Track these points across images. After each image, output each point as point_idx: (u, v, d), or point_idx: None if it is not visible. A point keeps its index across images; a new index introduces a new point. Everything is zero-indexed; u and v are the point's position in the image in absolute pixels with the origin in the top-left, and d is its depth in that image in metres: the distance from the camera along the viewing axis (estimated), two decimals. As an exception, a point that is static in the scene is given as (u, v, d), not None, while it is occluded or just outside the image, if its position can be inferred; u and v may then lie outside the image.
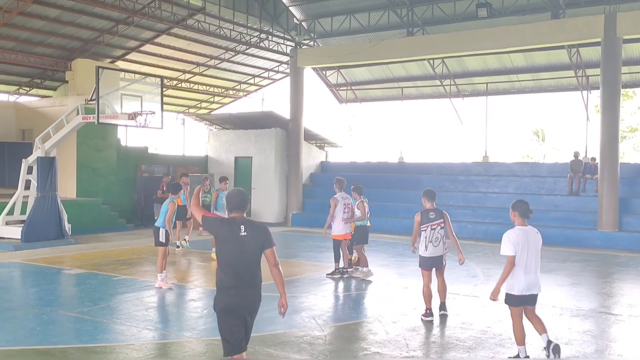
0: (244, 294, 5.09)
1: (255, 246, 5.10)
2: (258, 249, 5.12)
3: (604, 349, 7.21)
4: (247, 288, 5.11)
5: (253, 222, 5.22)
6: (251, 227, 5.12)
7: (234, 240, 5.06)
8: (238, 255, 5.07)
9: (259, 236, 5.10)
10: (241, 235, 5.06)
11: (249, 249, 5.07)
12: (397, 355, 6.75)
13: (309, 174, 25.17)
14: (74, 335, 7.57)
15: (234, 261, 5.07)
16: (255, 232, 5.11)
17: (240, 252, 5.07)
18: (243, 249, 5.06)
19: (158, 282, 10.45)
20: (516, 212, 6.59)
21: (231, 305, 5.03)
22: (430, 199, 8.66)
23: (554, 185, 20.33)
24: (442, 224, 8.44)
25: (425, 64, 24.95)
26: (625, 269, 13.56)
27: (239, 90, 30.82)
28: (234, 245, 5.06)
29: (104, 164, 20.99)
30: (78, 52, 22.16)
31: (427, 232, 8.35)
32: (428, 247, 8.35)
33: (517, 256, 6.39)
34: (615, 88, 17.67)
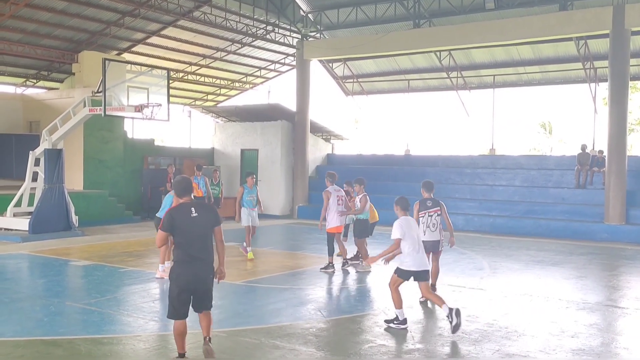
0: (198, 267, 5.83)
1: (205, 224, 5.88)
2: (208, 227, 5.91)
3: (610, 342, 7.20)
4: (200, 262, 5.84)
5: (203, 204, 6.19)
6: (201, 209, 5.94)
7: (186, 222, 5.81)
8: (190, 233, 5.82)
9: (208, 216, 5.93)
10: (192, 216, 5.83)
11: (199, 227, 5.85)
12: (403, 347, 6.76)
13: (315, 166, 25.17)
14: (81, 327, 7.61)
15: (186, 239, 5.81)
16: (205, 213, 5.94)
17: (192, 231, 5.82)
18: (194, 228, 5.82)
19: (159, 272, 10.45)
20: (398, 207, 7.78)
21: (183, 277, 5.80)
22: (428, 189, 9.34)
23: (561, 178, 20.26)
24: (438, 211, 9.12)
25: (432, 56, 24.86)
26: (632, 262, 13.51)
27: (245, 82, 30.80)
28: (186, 225, 5.81)
29: (110, 156, 21.05)
30: (85, 44, 22.19)
31: (425, 218, 9.05)
32: (426, 232, 8.95)
33: (404, 239, 7.51)
34: (624, 80, 17.56)
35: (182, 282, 5.80)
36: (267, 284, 10.30)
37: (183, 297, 5.83)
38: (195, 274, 5.83)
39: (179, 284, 5.81)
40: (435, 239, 9.08)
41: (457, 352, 6.63)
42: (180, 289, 5.80)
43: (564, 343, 7.03)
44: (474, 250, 14.81)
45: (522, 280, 11.02)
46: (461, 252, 14.53)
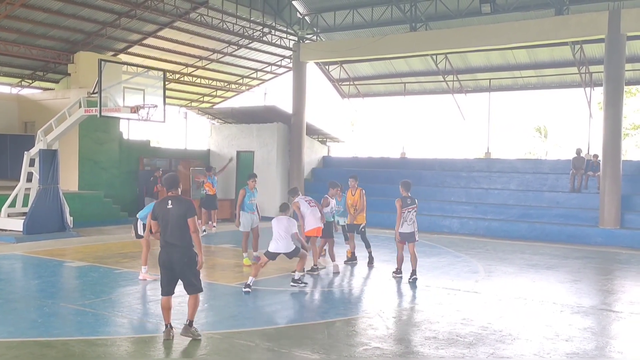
0: (170, 251, 6.80)
1: (178, 215, 6.77)
2: (182, 217, 6.77)
3: (605, 346, 7.22)
4: (172, 247, 6.78)
5: (179, 198, 6.94)
6: (176, 201, 6.86)
7: (163, 212, 6.85)
8: (166, 222, 6.81)
9: (181, 208, 6.80)
10: (168, 208, 6.83)
11: (173, 218, 6.78)
12: (398, 350, 6.76)
13: (310, 168, 25.16)
14: (76, 328, 7.59)
15: (164, 227, 6.85)
16: (179, 205, 6.83)
17: (167, 221, 6.81)
18: (169, 218, 6.80)
19: (142, 274, 10.44)
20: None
21: (162, 260, 6.87)
22: (406, 189, 10.80)
23: (556, 182, 20.31)
24: (415, 208, 10.69)
25: (428, 59, 24.91)
26: (626, 266, 13.55)
27: (242, 84, 30.80)
28: (164, 216, 6.84)
29: (106, 157, 21.00)
30: (80, 44, 22.15)
31: (405, 214, 10.61)
32: (403, 225, 10.63)
33: None
34: (619, 85, 17.61)
35: (160, 263, 6.90)
36: (263, 287, 10.29)
37: (163, 277, 6.91)
38: (170, 257, 6.79)
39: (159, 263, 6.93)
40: (411, 231, 10.70)
41: (451, 355, 6.63)
42: (160, 267, 6.92)
43: (558, 347, 7.05)
44: (469, 253, 14.83)
45: (516, 283, 11.04)
46: (456, 255, 14.55)
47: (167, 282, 6.90)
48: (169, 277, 6.88)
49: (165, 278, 6.90)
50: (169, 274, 6.87)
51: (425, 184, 21.97)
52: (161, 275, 6.94)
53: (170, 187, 6.99)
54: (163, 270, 6.89)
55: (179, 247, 6.78)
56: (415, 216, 10.76)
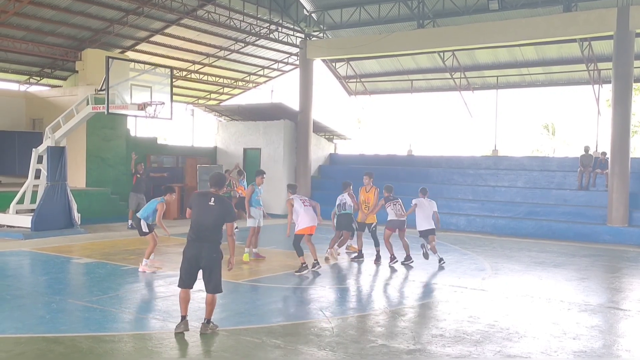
0: (200, 245, 6.86)
1: (218, 215, 6.87)
2: (221, 218, 6.90)
3: (612, 344, 7.19)
4: (203, 241, 6.86)
5: (222, 198, 7.01)
6: (220, 201, 6.94)
7: (202, 207, 6.91)
8: (202, 218, 6.88)
9: (223, 209, 6.91)
10: (210, 204, 6.89)
11: (212, 216, 6.86)
12: (404, 347, 6.76)
13: (317, 166, 25.17)
14: (83, 324, 7.62)
15: (199, 222, 6.89)
16: (221, 206, 6.92)
17: (205, 217, 6.87)
18: (207, 215, 6.87)
19: (142, 266, 10.82)
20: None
21: (190, 253, 6.92)
22: (389, 190, 12.65)
23: (563, 180, 20.23)
24: (400, 202, 12.48)
25: (435, 56, 24.84)
26: (634, 264, 13.49)
27: (248, 81, 30.81)
28: (201, 210, 6.90)
29: (113, 154, 21.07)
30: (88, 42, 22.22)
31: (393, 206, 12.40)
32: (391, 214, 12.37)
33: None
34: (627, 82, 17.51)
35: (187, 255, 6.92)
36: (269, 283, 10.30)
37: (187, 269, 6.93)
38: (199, 251, 6.85)
39: (185, 256, 6.94)
40: (402, 219, 12.43)
41: (458, 353, 6.62)
42: (185, 260, 6.93)
43: (565, 345, 7.02)
44: (475, 251, 14.80)
45: (523, 281, 11.01)
46: (463, 253, 14.52)
47: (190, 275, 6.97)
48: (193, 270, 6.95)
49: (189, 271, 6.95)
50: (193, 268, 6.93)
51: (432, 182, 21.91)
52: (184, 268, 6.97)
53: (215, 186, 7.09)
54: (188, 263, 6.92)
55: (211, 242, 6.88)
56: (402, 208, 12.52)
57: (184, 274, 6.98)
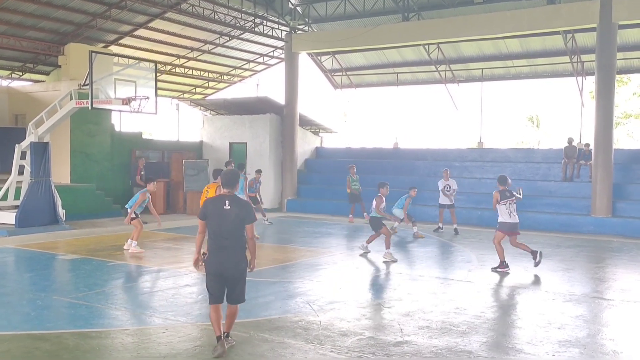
0: (225, 255, 6.15)
1: (236, 218, 6.13)
2: (239, 221, 6.15)
3: (596, 333, 7.27)
4: (226, 251, 6.15)
5: (238, 199, 6.31)
6: (235, 203, 6.20)
7: (218, 213, 6.14)
8: (221, 225, 6.13)
9: (241, 211, 6.17)
10: (225, 209, 6.13)
11: (230, 220, 6.11)
12: (391, 340, 6.79)
13: (303, 159, 25.14)
14: (69, 321, 7.58)
15: (217, 229, 6.14)
16: (239, 207, 6.19)
17: (223, 223, 6.12)
18: (226, 220, 6.11)
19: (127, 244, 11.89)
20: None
21: (214, 266, 6.19)
22: (503, 183, 11.35)
23: (548, 171, 20.38)
24: (514, 200, 11.23)
25: (420, 49, 24.88)
26: (618, 254, 13.65)
27: (234, 75, 30.69)
28: (218, 217, 6.13)
29: (98, 150, 20.90)
30: (71, 36, 21.97)
31: (508, 205, 11.14)
32: (504, 215, 11.18)
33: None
34: (610, 74, 17.65)
35: (211, 268, 6.21)
36: (256, 277, 10.28)
37: (213, 283, 6.25)
38: (223, 262, 6.16)
39: (209, 269, 6.24)
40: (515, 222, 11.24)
41: (444, 344, 6.66)
42: (210, 274, 6.25)
43: (550, 335, 7.09)
44: (462, 243, 14.89)
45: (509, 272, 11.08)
46: (449, 245, 14.61)
47: (219, 289, 6.25)
48: (221, 283, 6.24)
49: (217, 285, 6.24)
50: (220, 280, 6.22)
51: (418, 174, 22.00)
52: (211, 283, 6.26)
53: (228, 185, 6.30)
54: (214, 276, 6.22)
55: (236, 251, 6.20)
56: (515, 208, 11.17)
57: (212, 289, 6.27)
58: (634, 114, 38.85)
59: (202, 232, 6.32)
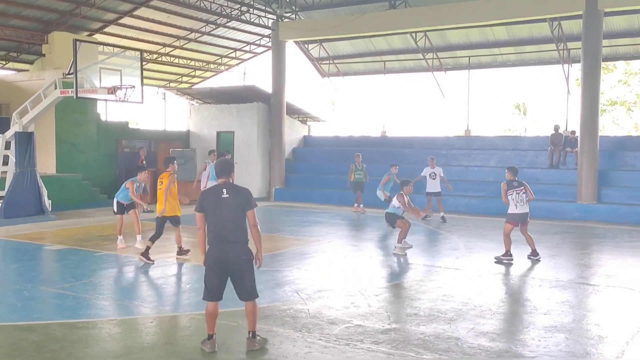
0: (225, 248, 5.82)
1: (236, 207, 5.84)
2: (239, 209, 5.85)
3: (582, 319, 7.35)
4: (227, 243, 5.82)
5: (236, 186, 6.01)
6: (233, 190, 5.91)
7: (216, 203, 5.85)
8: (220, 215, 5.83)
9: (240, 198, 5.87)
10: (223, 197, 5.84)
11: (230, 209, 5.82)
12: (379, 327, 6.83)
13: (291, 148, 25.10)
14: (56, 311, 7.55)
15: (216, 220, 5.84)
16: (237, 194, 5.89)
17: (223, 213, 5.82)
18: (224, 209, 5.82)
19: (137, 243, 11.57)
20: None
21: (215, 259, 5.86)
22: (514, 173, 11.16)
23: (535, 159, 20.50)
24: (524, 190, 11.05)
25: (407, 37, 24.84)
26: (603, 240, 13.78)
27: (221, 64, 30.50)
28: (217, 206, 5.84)
29: (83, 139, 20.74)
30: (55, 24, 21.70)
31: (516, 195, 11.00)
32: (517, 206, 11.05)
33: None
34: (596, 61, 17.73)
35: (211, 262, 5.87)
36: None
37: (213, 278, 5.90)
38: (226, 255, 5.83)
39: (209, 263, 5.90)
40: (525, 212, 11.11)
41: (432, 331, 6.71)
42: (210, 268, 5.89)
43: (536, 320, 7.16)
44: (449, 230, 14.96)
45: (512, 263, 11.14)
46: (437, 232, 14.68)
47: (218, 286, 5.94)
48: (221, 278, 5.92)
49: (217, 280, 5.91)
50: (221, 275, 5.91)
51: (406, 162, 21.99)
52: (209, 277, 5.93)
53: (223, 174, 6.04)
54: (214, 271, 5.89)
55: (236, 243, 5.84)
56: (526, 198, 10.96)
57: (210, 285, 5.94)
58: (620, 101, 39.12)
59: (201, 227, 5.95)
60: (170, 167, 10.86)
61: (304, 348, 6.14)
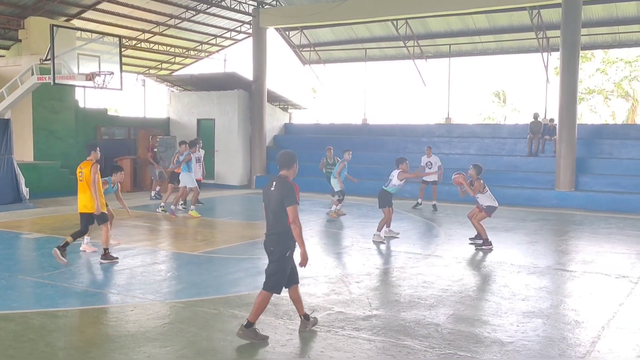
0: (267, 238, 6.10)
1: (277, 200, 5.94)
2: (279, 203, 5.93)
3: (559, 304, 7.47)
4: (267, 234, 6.09)
5: (283, 180, 6.02)
6: (279, 184, 6.00)
7: (266, 195, 6.13)
8: (267, 207, 6.11)
9: (281, 193, 5.93)
10: (271, 190, 6.04)
11: (273, 202, 5.99)
12: (360, 314, 6.87)
13: (272, 136, 25.03)
14: (34, 300, 7.48)
15: (265, 211, 6.16)
16: (280, 189, 5.96)
17: (268, 204, 6.09)
18: (269, 202, 6.05)
19: (83, 245, 10.34)
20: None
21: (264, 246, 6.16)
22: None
23: (514, 147, 20.68)
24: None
25: (388, 24, 24.81)
26: (580, 227, 13.99)
27: (201, 50, 30.21)
28: (266, 198, 6.13)
29: (61, 126, 20.46)
30: (31, 9, 21.28)
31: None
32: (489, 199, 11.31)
33: None
34: (575, 50, 17.88)
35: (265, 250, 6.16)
36: (225, 254, 10.29)
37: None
38: (264, 244, 6.15)
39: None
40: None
41: (412, 317, 6.77)
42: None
43: (515, 306, 7.26)
44: (430, 218, 15.06)
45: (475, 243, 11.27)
46: (417, 220, 14.77)
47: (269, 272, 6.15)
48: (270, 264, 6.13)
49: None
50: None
51: (387, 150, 22.10)
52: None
53: (284, 166, 6.08)
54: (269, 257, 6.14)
55: (272, 235, 6.01)
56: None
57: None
58: (597, 89, 39.54)
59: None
60: (92, 155, 9.49)
61: (285, 335, 6.16)
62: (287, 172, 6.06)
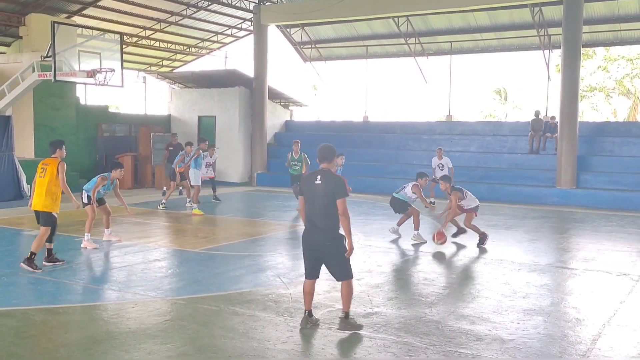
0: (312, 232, 6.09)
1: (326, 194, 5.95)
2: (329, 197, 5.94)
3: (560, 302, 7.46)
4: (315, 228, 6.06)
5: (329, 174, 6.06)
6: (326, 177, 6.01)
7: (309, 189, 6.08)
8: (311, 200, 6.06)
9: (329, 185, 5.95)
10: (316, 184, 6.02)
11: (320, 196, 5.98)
12: (361, 311, 6.87)
13: (273, 133, 25.03)
14: (36, 297, 7.48)
15: (309, 206, 6.10)
16: (328, 182, 5.98)
17: (313, 198, 6.05)
18: (315, 195, 6.02)
19: (84, 241, 10.26)
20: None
21: (304, 242, 6.21)
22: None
23: (515, 144, 20.67)
24: None
25: (390, 22, 24.79)
26: (581, 225, 13.98)
27: (202, 47, 30.20)
28: (310, 192, 6.07)
29: (62, 123, 20.44)
30: (32, 6, 21.27)
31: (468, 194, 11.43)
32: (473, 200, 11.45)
33: None
34: (576, 47, 17.86)
35: (304, 244, 6.21)
36: (227, 251, 10.29)
37: (305, 258, 6.24)
38: (310, 239, 6.12)
39: (303, 245, 6.24)
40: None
41: (413, 314, 6.77)
42: (303, 249, 6.24)
43: (515, 303, 7.26)
44: (431, 215, 15.05)
45: (476, 244, 11.27)
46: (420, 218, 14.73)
47: (310, 265, 6.22)
48: (312, 259, 6.19)
49: (308, 260, 6.22)
50: (309, 256, 6.19)
51: (388, 147, 22.11)
52: (304, 257, 6.27)
53: (324, 160, 6.14)
54: (304, 252, 6.23)
55: (322, 229, 6.03)
56: None
57: (305, 264, 6.29)
58: (599, 87, 39.50)
59: (302, 209, 6.28)
60: (57, 153, 9.22)
61: (286, 332, 6.16)
62: (328, 164, 6.13)
